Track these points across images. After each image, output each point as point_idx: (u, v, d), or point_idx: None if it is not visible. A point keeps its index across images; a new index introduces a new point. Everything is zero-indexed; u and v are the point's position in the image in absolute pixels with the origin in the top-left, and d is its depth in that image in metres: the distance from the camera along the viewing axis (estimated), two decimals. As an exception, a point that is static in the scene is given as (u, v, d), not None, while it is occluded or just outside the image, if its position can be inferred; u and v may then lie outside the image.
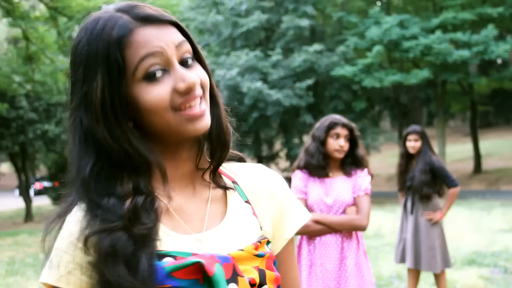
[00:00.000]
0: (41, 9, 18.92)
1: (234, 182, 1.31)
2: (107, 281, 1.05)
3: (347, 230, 3.80)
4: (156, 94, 1.10)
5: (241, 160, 1.40)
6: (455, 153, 31.92)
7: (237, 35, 23.78)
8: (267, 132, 23.98)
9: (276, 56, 22.27)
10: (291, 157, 23.45)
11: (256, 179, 1.34)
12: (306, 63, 22.06)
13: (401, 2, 27.41)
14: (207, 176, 1.26)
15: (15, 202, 31.96)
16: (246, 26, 23.04)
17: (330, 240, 3.79)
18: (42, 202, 29.32)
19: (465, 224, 12.46)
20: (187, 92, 1.12)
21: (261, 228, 1.27)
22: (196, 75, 1.15)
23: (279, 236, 1.31)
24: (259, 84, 20.98)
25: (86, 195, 1.11)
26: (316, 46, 22.15)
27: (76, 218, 1.11)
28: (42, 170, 43.34)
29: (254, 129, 23.39)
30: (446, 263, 5.92)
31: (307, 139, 4.09)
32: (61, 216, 1.14)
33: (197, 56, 1.21)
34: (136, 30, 1.11)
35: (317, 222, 3.76)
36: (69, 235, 1.10)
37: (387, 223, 13.15)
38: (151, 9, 1.15)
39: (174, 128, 1.13)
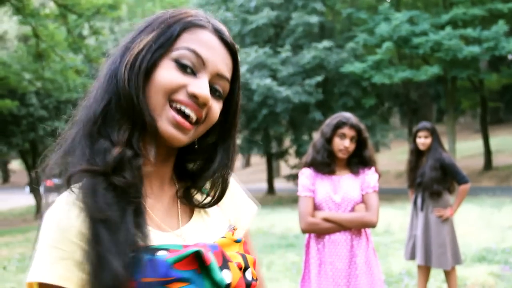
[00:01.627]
0: (51, 7, 19.01)
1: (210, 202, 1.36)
2: (95, 245, 1.04)
3: (357, 228, 3.79)
4: (171, 75, 1.16)
5: None
6: (465, 150, 31.79)
7: (246, 32, 23.78)
8: (277, 129, 23.97)
9: (285, 53, 22.26)
10: (300, 154, 23.42)
11: None
12: (316, 60, 22.03)
13: (411, -2, 27.29)
14: (179, 192, 1.31)
15: (26, 199, 32.13)
16: (255, 23, 23.04)
17: (340, 238, 3.78)
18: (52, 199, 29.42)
19: (475, 220, 12.42)
20: (193, 98, 1.16)
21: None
22: (211, 102, 1.19)
23: (239, 226, 1.37)
24: (268, 81, 20.98)
25: (90, 129, 1.15)
26: (326, 43, 22.12)
27: (63, 210, 1.10)
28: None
29: (264, 126, 23.38)
30: (457, 260, 5.90)
31: (316, 134, 4.10)
32: (56, 166, 1.18)
33: (230, 102, 1.27)
34: (205, 30, 1.21)
35: (326, 220, 3.76)
36: (62, 230, 1.08)
37: (396, 220, 13.12)
38: (227, 31, 1.26)
39: (156, 114, 1.15)
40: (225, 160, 1.28)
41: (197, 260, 1.10)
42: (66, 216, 1.09)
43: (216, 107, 1.22)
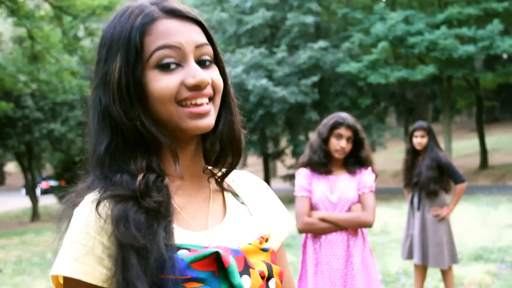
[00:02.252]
0: (46, 9, 18.95)
1: (229, 186, 1.35)
2: (124, 270, 1.06)
3: (354, 227, 3.79)
4: (164, 83, 1.14)
5: None
6: (461, 149, 31.85)
7: (242, 33, 23.78)
8: (273, 129, 23.97)
9: (281, 53, 22.27)
10: (297, 154, 23.42)
11: (247, 184, 1.39)
12: (311, 60, 22.04)
13: (406, -3, 27.33)
14: (211, 179, 1.30)
15: (22, 202, 32.08)
16: (251, 24, 23.04)
17: (336, 238, 3.78)
18: (48, 201, 29.40)
19: (471, 219, 12.43)
20: (195, 88, 1.15)
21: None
22: (209, 75, 1.18)
23: (275, 237, 1.35)
24: (264, 82, 20.98)
25: (101, 171, 1.15)
26: (321, 43, 22.13)
27: (88, 209, 1.12)
28: (48, 169, 43.48)
29: (260, 127, 23.38)
30: (454, 259, 5.90)
31: (313, 134, 4.10)
32: (78, 197, 1.16)
33: (217, 61, 1.24)
34: (160, 20, 1.16)
35: (323, 220, 3.76)
36: (85, 226, 1.10)
37: (393, 219, 13.13)
38: (179, 5, 1.21)
39: (175, 121, 1.15)
40: (229, 117, 1.27)
41: (216, 262, 1.10)
42: (93, 218, 1.11)
43: (215, 74, 1.21)
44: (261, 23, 23.12)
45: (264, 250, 1.22)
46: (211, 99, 1.19)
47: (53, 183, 32.50)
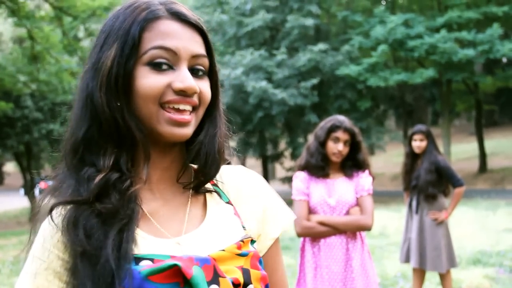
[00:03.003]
0: (46, 9, 18.96)
1: (214, 184, 1.31)
2: (73, 279, 1.06)
3: (353, 231, 3.79)
4: (151, 81, 1.13)
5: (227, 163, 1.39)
6: (460, 152, 31.85)
7: (241, 35, 23.79)
8: (272, 132, 23.99)
9: (281, 55, 22.28)
10: (296, 157, 23.42)
11: (237, 180, 1.34)
12: (311, 62, 22.05)
13: (406, 1, 27.34)
14: (187, 187, 1.26)
15: (20, 202, 32.06)
16: (251, 26, 23.05)
17: (335, 242, 3.78)
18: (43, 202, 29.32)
19: (470, 223, 12.43)
20: (181, 93, 1.14)
21: (244, 227, 1.26)
22: (199, 85, 1.17)
23: (265, 235, 1.31)
24: (264, 84, 20.99)
25: (72, 159, 1.15)
26: (321, 45, 22.14)
27: (47, 220, 1.13)
28: (47, 170, 43.46)
29: (259, 129, 23.40)
30: (452, 262, 5.90)
31: (311, 137, 4.10)
32: (51, 194, 1.16)
33: (211, 74, 1.23)
34: (163, 20, 1.16)
35: (321, 223, 3.76)
36: (43, 240, 1.12)
37: (392, 222, 13.12)
38: (186, 10, 1.21)
39: (153, 123, 1.14)
40: (212, 130, 1.24)
41: (181, 274, 1.06)
42: (49, 231, 1.12)
43: (205, 85, 1.20)
44: (261, 25, 23.14)
45: (242, 255, 1.17)
46: (194, 109, 1.18)
47: (52, 183, 32.40)
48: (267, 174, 27.40)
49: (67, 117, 1.27)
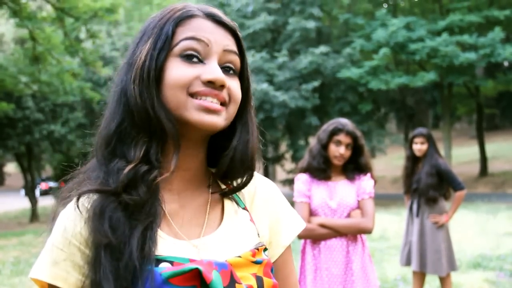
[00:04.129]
0: (48, 10, 18.98)
1: (232, 190, 1.30)
2: (94, 271, 1.06)
3: (353, 234, 3.79)
4: (181, 72, 1.14)
5: None
6: (461, 156, 31.85)
7: (243, 37, 23.75)
8: (273, 134, 23.97)
9: (282, 57, 22.28)
10: (296, 159, 23.43)
11: (252, 187, 1.34)
12: (312, 65, 22.05)
13: (408, 4, 27.39)
14: (210, 177, 1.28)
15: (21, 202, 32.08)
16: (252, 28, 23.06)
17: (336, 244, 3.78)
18: (47, 202, 29.36)
19: (470, 227, 12.42)
20: (209, 85, 1.15)
21: (258, 234, 1.27)
22: (228, 82, 1.18)
23: (277, 243, 1.31)
24: (265, 86, 20.99)
25: (103, 151, 1.16)
26: (322, 48, 22.15)
27: (70, 210, 1.13)
28: (48, 170, 43.49)
29: (260, 131, 23.31)
30: (452, 266, 5.89)
31: (313, 139, 4.10)
32: (73, 191, 1.16)
33: (242, 76, 1.25)
34: (197, 18, 1.19)
35: (322, 226, 3.76)
36: (64, 230, 1.11)
37: (392, 225, 13.12)
38: (221, 14, 1.24)
39: (181, 111, 1.14)
40: (245, 135, 1.25)
41: (199, 276, 1.06)
42: (72, 220, 1.11)
43: (235, 84, 1.21)
44: (263, 28, 23.14)
45: (257, 262, 1.17)
46: (224, 104, 1.18)
47: (52, 184, 32.52)
48: (267, 177, 27.39)
49: (68, 118, 1.26)
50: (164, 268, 1.07)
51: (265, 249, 1.24)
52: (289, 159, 26.39)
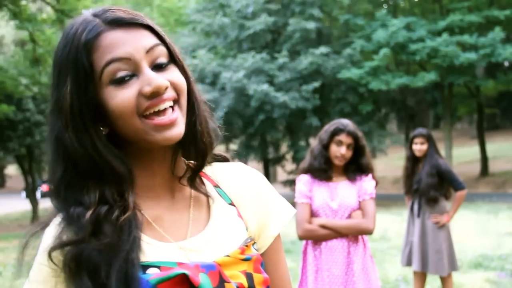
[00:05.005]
0: (48, 12, 19.01)
1: (216, 186, 1.29)
2: None
3: (354, 234, 3.79)
4: (121, 98, 1.08)
5: (225, 160, 1.37)
6: (462, 156, 31.83)
7: (243, 38, 23.80)
8: (274, 135, 23.97)
9: (282, 58, 22.28)
10: (297, 160, 23.42)
11: (238, 180, 1.31)
12: (313, 66, 22.05)
13: (408, 4, 27.39)
14: (184, 181, 1.23)
15: (22, 204, 32.06)
16: (252, 29, 23.06)
17: (337, 245, 3.78)
18: (48, 204, 29.21)
19: (471, 227, 12.42)
20: (154, 95, 1.09)
21: (246, 229, 1.25)
22: (168, 78, 1.12)
23: (265, 233, 1.28)
24: (265, 87, 20.99)
25: (57, 202, 1.12)
26: (323, 49, 22.15)
27: (52, 230, 1.12)
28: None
29: (261, 132, 23.40)
30: (453, 266, 5.89)
31: (315, 140, 4.10)
32: (43, 228, 1.14)
33: (174, 60, 1.18)
34: (104, 34, 1.09)
35: (323, 226, 3.76)
36: (47, 247, 1.10)
37: (393, 226, 13.11)
38: (122, 12, 1.13)
39: (141, 135, 1.10)
40: (190, 117, 1.18)
41: (188, 280, 1.06)
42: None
43: (175, 75, 1.14)
44: (263, 29, 23.14)
45: (246, 259, 1.16)
46: (175, 102, 1.13)
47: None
48: (268, 177, 27.39)
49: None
50: (152, 275, 1.06)
51: (254, 243, 1.23)
52: (289, 160, 26.38)
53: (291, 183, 24.38)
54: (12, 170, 55.44)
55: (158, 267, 1.08)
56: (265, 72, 22.11)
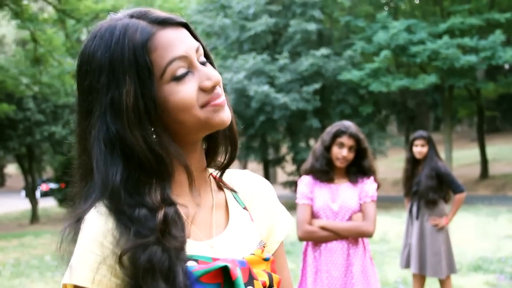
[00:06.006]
0: (50, 12, 19.03)
1: (232, 190, 1.33)
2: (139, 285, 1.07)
3: (354, 237, 3.79)
4: (185, 93, 1.12)
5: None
6: (462, 158, 31.83)
7: (244, 39, 23.80)
8: (274, 136, 23.96)
9: (283, 60, 22.28)
10: (297, 161, 23.43)
11: (250, 186, 1.37)
12: (313, 67, 22.05)
13: (409, 7, 27.39)
14: (210, 177, 1.30)
15: (21, 204, 32.05)
16: (253, 30, 23.05)
17: (336, 247, 3.78)
18: (48, 204, 29.37)
19: (471, 229, 12.42)
20: (212, 90, 1.16)
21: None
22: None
23: (272, 239, 1.35)
24: (266, 88, 20.99)
25: (116, 205, 1.10)
26: (323, 50, 22.14)
27: (97, 218, 1.10)
28: (49, 172, 43.45)
29: (261, 133, 23.39)
30: (452, 268, 5.90)
31: (315, 141, 4.11)
32: (79, 220, 1.12)
33: (208, 58, 1.24)
34: (158, 33, 1.14)
35: (323, 228, 3.76)
36: (94, 234, 1.08)
37: (393, 228, 13.12)
38: (165, 13, 1.18)
39: (203, 121, 1.15)
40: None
41: (223, 274, 1.10)
42: (103, 224, 1.09)
43: (214, 70, 1.21)
44: (264, 30, 23.14)
45: (266, 259, 1.23)
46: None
47: (53, 185, 32.46)
48: (268, 179, 27.37)
49: (69, 120, 1.24)
50: (194, 267, 1.09)
51: (265, 247, 1.28)
52: (289, 161, 26.38)
53: (291, 184, 24.39)
54: (12, 169, 55.44)
55: (196, 260, 1.12)
56: (265, 73, 22.11)
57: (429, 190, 5.83)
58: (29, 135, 23.80)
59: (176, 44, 1.14)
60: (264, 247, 1.25)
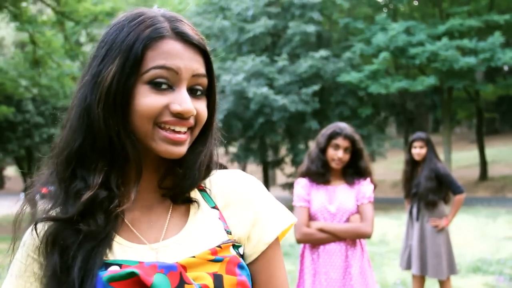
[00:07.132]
0: (49, 14, 19.02)
1: (202, 189, 1.29)
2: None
3: (352, 238, 3.79)
4: (150, 101, 1.13)
5: (221, 168, 1.38)
6: (461, 160, 31.83)
7: (243, 41, 23.80)
8: (273, 138, 23.95)
9: (282, 61, 22.28)
10: (296, 163, 23.40)
11: (228, 185, 1.31)
12: (312, 69, 22.05)
13: (408, 8, 27.39)
14: (166, 196, 1.26)
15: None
16: (252, 32, 23.06)
17: (335, 249, 3.78)
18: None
19: (470, 231, 12.42)
20: (178, 116, 1.14)
21: (228, 232, 1.24)
22: (196, 107, 1.17)
23: (258, 240, 1.26)
24: (265, 90, 20.98)
25: (64, 170, 1.16)
26: (322, 52, 22.14)
27: (30, 228, 1.19)
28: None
29: (260, 135, 23.38)
30: (452, 269, 5.90)
31: (312, 143, 4.12)
32: (32, 197, 1.23)
33: (209, 93, 1.24)
34: (167, 39, 1.15)
35: (321, 230, 3.76)
36: (23, 245, 1.20)
37: (392, 229, 13.12)
38: (191, 30, 1.20)
39: (148, 140, 1.15)
40: (199, 148, 1.23)
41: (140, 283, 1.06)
42: (29, 233, 1.21)
43: (202, 106, 1.20)
44: (263, 32, 23.14)
45: (216, 260, 1.15)
46: (190, 129, 1.18)
47: (52, 188, 32.40)
48: (267, 180, 27.38)
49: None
50: (107, 272, 1.08)
51: (236, 246, 1.22)
52: (289, 163, 26.35)
53: (290, 186, 24.35)
54: (11, 171, 55.40)
55: (120, 265, 1.10)
56: (264, 75, 22.10)
57: (428, 191, 5.84)
58: (28, 137, 23.83)
59: (175, 56, 1.15)
60: (222, 247, 1.18)
